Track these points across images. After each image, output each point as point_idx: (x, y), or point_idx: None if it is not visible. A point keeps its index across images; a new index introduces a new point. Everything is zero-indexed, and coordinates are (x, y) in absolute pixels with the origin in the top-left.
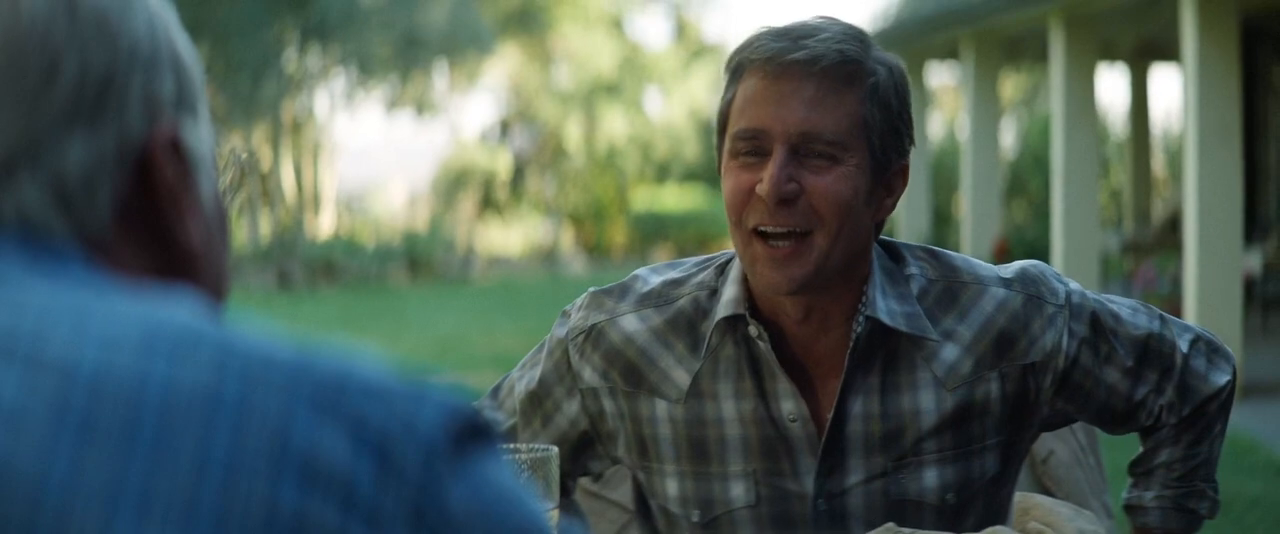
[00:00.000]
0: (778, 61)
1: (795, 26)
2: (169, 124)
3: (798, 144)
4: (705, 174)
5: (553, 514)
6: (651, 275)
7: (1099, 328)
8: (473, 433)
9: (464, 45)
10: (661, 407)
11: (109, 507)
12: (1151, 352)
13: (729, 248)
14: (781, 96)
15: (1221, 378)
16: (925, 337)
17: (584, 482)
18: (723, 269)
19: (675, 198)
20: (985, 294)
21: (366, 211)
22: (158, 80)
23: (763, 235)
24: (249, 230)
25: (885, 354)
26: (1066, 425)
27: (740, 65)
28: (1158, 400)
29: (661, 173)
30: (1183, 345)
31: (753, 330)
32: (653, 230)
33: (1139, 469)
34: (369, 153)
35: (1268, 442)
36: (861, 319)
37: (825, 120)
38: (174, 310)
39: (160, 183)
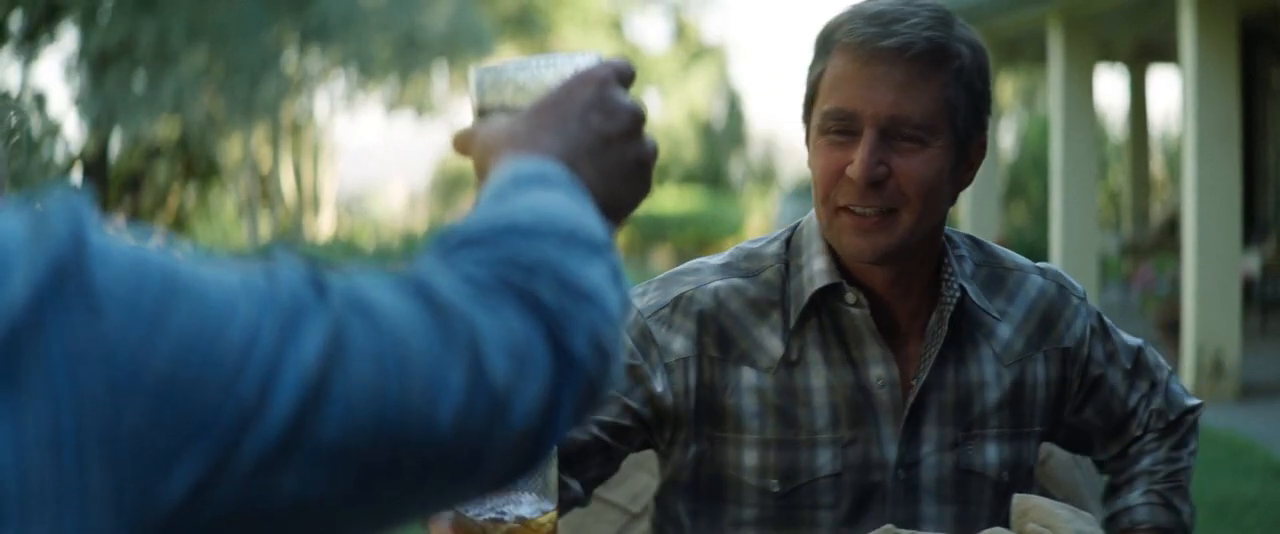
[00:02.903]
0: (870, 46)
1: (886, 11)
2: None
3: (887, 127)
4: (704, 176)
5: (551, 516)
6: (712, 258)
7: (1105, 327)
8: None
9: (463, 47)
10: (749, 375)
11: None
12: (1143, 361)
13: (727, 250)
14: (872, 80)
15: (1194, 400)
16: (989, 312)
17: None
18: (788, 244)
19: (674, 200)
20: (1027, 280)
21: (366, 213)
22: None
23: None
24: (249, 232)
25: (954, 325)
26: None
27: (830, 42)
28: (1148, 407)
29: (660, 175)
30: (1164, 363)
31: (850, 297)
32: (652, 232)
33: (1120, 479)
34: (369, 154)
35: (1265, 443)
36: (956, 286)
37: (914, 105)
38: None
39: None
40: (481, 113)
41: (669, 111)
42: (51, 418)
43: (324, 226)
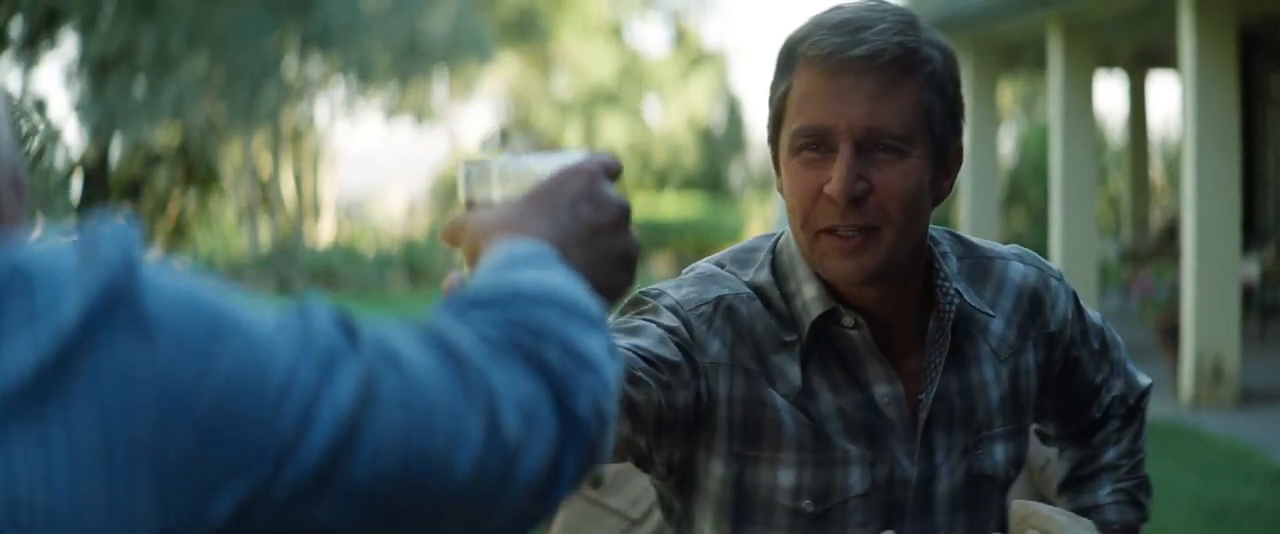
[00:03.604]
0: (838, 57)
1: (851, 19)
2: None
3: (863, 140)
4: (704, 182)
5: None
6: (731, 267)
7: (1080, 307)
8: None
9: (464, 53)
10: (777, 396)
11: None
12: (1107, 341)
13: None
14: (843, 92)
15: (1145, 379)
16: (982, 310)
17: (582, 487)
18: (774, 269)
19: (674, 206)
20: (1009, 267)
21: (366, 219)
22: None
23: (830, 230)
24: (249, 238)
25: (952, 331)
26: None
27: (794, 57)
28: (1109, 392)
29: (660, 181)
30: (1119, 339)
31: (848, 321)
32: (651, 238)
33: (1083, 472)
34: (369, 160)
35: (1265, 448)
36: (953, 292)
37: (890, 114)
38: None
39: None
40: (470, 205)
41: (669, 117)
42: (103, 436)
43: (324, 233)
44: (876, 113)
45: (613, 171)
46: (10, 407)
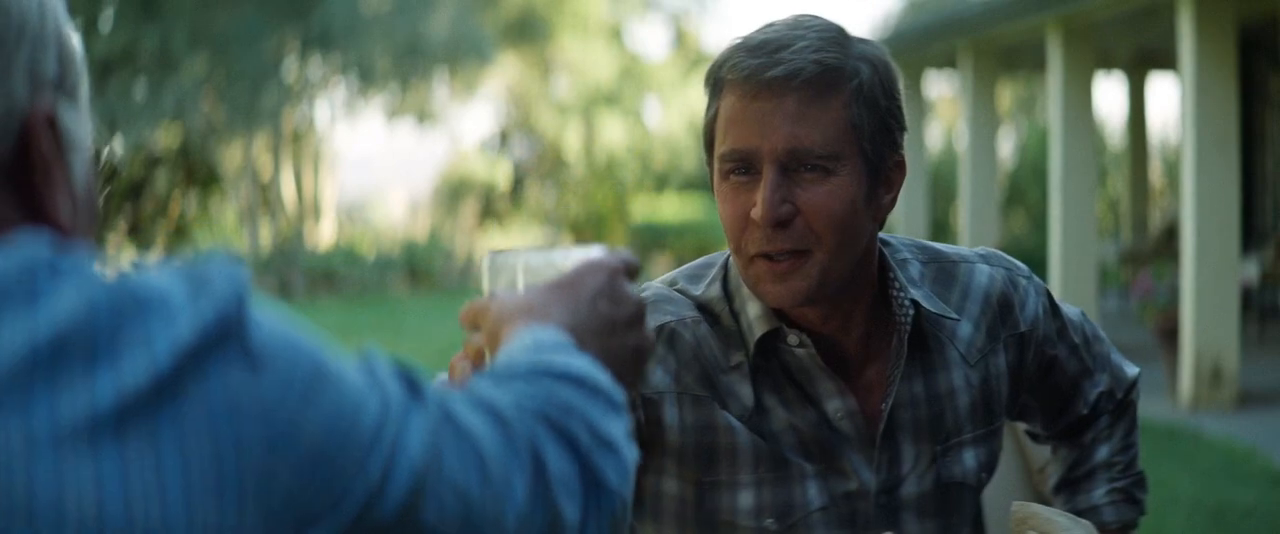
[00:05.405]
0: (756, 80)
1: (770, 39)
2: (49, 101)
3: (786, 161)
4: (704, 184)
5: None
6: (670, 292)
7: (1053, 303)
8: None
9: (464, 55)
10: (730, 418)
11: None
12: (1087, 336)
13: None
14: (763, 115)
15: (1133, 369)
16: (946, 315)
17: None
18: (724, 285)
19: (674, 208)
20: (975, 270)
21: (367, 221)
22: (43, 59)
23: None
24: (249, 240)
25: (915, 338)
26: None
27: (719, 81)
28: (1094, 388)
29: (660, 183)
30: (1102, 333)
31: (793, 339)
32: (651, 240)
33: (1078, 473)
34: (369, 162)
35: (1264, 450)
36: (908, 304)
37: (811, 133)
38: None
39: (35, 154)
40: (491, 297)
41: (668, 120)
42: (215, 461)
43: (324, 234)
44: (798, 133)
45: (632, 269)
46: (127, 418)
